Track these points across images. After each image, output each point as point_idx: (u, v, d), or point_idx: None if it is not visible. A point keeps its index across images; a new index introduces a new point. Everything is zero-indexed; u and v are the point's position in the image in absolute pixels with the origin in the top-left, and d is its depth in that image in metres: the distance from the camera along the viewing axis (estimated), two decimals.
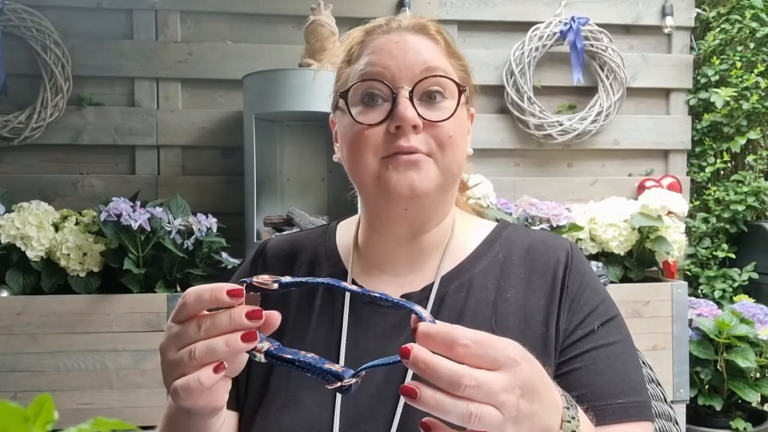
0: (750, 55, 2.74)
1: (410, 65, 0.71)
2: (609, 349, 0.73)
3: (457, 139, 0.72)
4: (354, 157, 0.73)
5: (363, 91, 0.72)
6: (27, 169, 2.47)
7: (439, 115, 0.71)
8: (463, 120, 0.76)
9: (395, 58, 0.71)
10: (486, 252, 0.79)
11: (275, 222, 2.20)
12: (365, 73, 0.72)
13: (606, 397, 0.69)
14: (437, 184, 0.72)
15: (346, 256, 0.82)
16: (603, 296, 0.77)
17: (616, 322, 0.75)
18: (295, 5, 2.54)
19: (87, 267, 2.02)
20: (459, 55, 0.78)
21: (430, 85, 0.71)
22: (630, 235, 2.34)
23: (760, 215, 2.75)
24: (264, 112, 2.23)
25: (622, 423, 0.69)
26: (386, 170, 0.70)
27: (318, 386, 0.72)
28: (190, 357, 0.53)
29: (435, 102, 0.72)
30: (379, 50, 0.72)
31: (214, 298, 0.54)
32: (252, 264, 0.85)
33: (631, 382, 0.72)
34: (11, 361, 1.94)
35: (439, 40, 0.75)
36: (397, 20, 0.76)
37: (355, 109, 0.72)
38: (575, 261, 0.77)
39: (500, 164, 2.69)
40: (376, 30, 0.76)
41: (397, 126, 0.69)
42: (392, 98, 0.70)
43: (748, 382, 2.27)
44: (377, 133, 0.70)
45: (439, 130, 0.71)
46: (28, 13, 2.39)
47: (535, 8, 2.73)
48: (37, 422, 0.25)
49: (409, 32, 0.74)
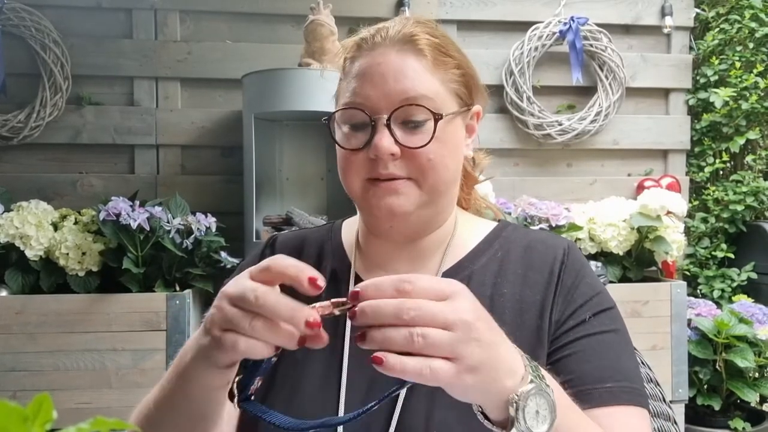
0: (749, 55, 2.74)
1: (390, 93, 0.72)
2: (600, 337, 0.73)
3: (439, 160, 0.73)
4: (343, 175, 0.77)
5: (347, 116, 0.75)
6: (26, 169, 2.47)
7: (418, 140, 0.72)
8: (452, 134, 0.76)
9: (375, 86, 0.72)
10: (486, 250, 0.81)
11: (274, 222, 2.20)
12: (347, 102, 0.74)
13: (593, 381, 0.69)
14: (419, 203, 0.74)
15: (350, 252, 0.84)
16: (598, 290, 0.77)
17: (609, 314, 0.76)
18: (295, 5, 2.54)
19: (86, 266, 2.02)
20: (452, 63, 0.76)
21: (409, 113, 0.72)
22: (629, 235, 2.34)
23: (759, 215, 2.75)
24: (263, 111, 2.23)
25: (609, 406, 0.68)
26: (367, 193, 0.74)
27: (322, 378, 0.74)
28: (249, 324, 0.53)
29: (416, 128, 0.73)
30: (362, 74, 0.74)
31: (296, 278, 0.54)
32: (261, 255, 0.87)
33: (622, 369, 0.71)
34: (10, 360, 1.94)
35: (427, 54, 0.74)
36: (385, 30, 0.75)
37: (342, 130, 0.75)
38: (571, 257, 0.79)
39: (499, 164, 2.69)
40: (363, 45, 0.76)
41: (375, 154, 0.72)
42: (372, 125, 0.72)
43: (746, 381, 2.27)
44: (360, 157, 0.73)
45: (418, 155, 0.72)
46: (27, 13, 2.39)
47: (534, 8, 2.73)
48: (36, 421, 0.25)
49: (393, 48, 0.73)
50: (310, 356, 0.75)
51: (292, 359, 0.76)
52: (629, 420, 0.68)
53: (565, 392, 0.61)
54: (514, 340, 0.74)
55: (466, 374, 0.50)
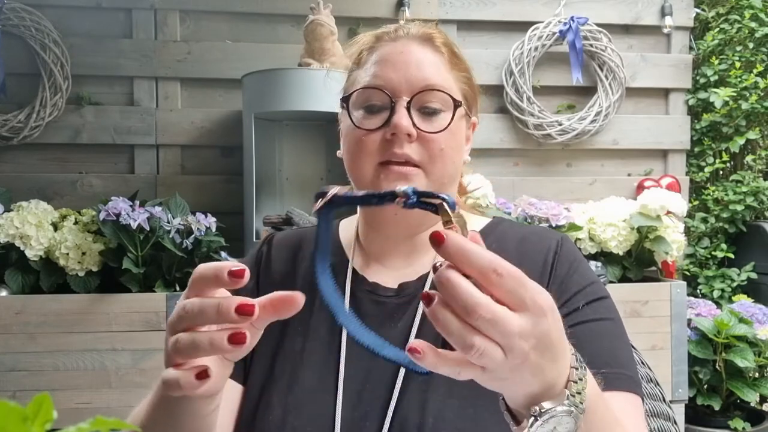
0: (749, 55, 2.74)
1: (411, 79, 0.75)
2: (594, 325, 0.73)
3: (448, 152, 0.76)
4: (352, 160, 0.77)
5: (364, 98, 0.76)
6: (26, 169, 2.47)
7: (434, 127, 0.75)
8: (460, 132, 0.79)
9: (398, 71, 0.75)
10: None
11: (274, 221, 2.19)
12: (368, 83, 0.76)
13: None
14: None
15: (348, 248, 0.86)
16: (591, 280, 0.77)
17: (603, 303, 0.76)
18: (295, 5, 2.54)
19: (86, 266, 2.02)
20: (463, 66, 0.81)
21: (427, 99, 0.75)
22: (629, 235, 2.34)
23: (758, 215, 2.75)
24: (263, 111, 2.23)
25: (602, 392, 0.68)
26: (378, 179, 0.75)
27: (321, 368, 0.75)
28: (174, 348, 0.50)
29: (432, 115, 0.75)
30: (383, 61, 0.77)
31: (215, 278, 0.50)
32: (257, 254, 0.88)
33: (616, 356, 0.71)
34: (10, 360, 1.94)
35: (444, 52, 0.78)
36: (406, 28, 0.79)
37: (357, 114, 0.77)
38: (565, 248, 0.79)
39: (499, 164, 2.69)
40: (384, 37, 0.80)
41: (393, 133, 0.73)
42: (391, 107, 0.74)
43: (746, 381, 2.27)
44: (374, 138, 0.75)
45: (432, 141, 0.74)
46: (27, 12, 2.39)
47: (534, 8, 2.73)
48: (36, 421, 0.25)
49: (415, 42, 0.78)
50: (308, 347, 0.77)
51: (291, 351, 0.77)
52: (623, 406, 0.68)
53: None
54: None
55: (495, 382, 0.47)
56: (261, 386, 0.76)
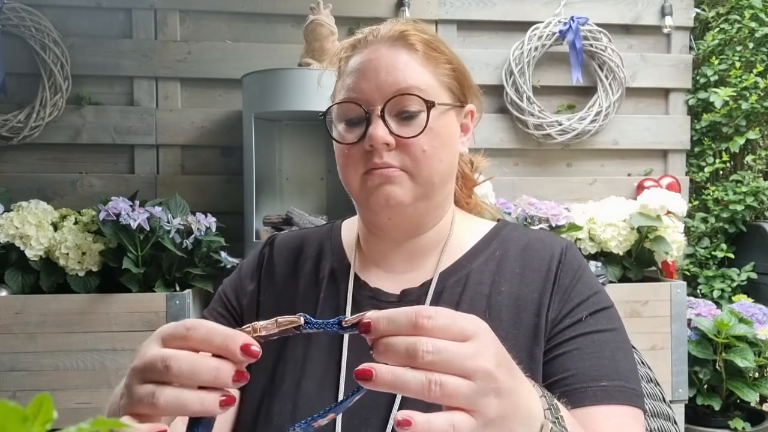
0: (749, 55, 2.74)
1: (382, 86, 0.74)
2: (596, 336, 0.73)
3: (432, 152, 0.74)
4: (341, 171, 0.78)
5: (343, 111, 0.76)
6: (26, 168, 2.47)
7: (412, 131, 0.73)
8: (446, 128, 0.77)
9: (368, 80, 0.74)
10: (484, 249, 0.81)
11: (274, 221, 2.19)
12: (343, 96, 0.76)
13: (588, 380, 0.69)
14: (415, 195, 0.75)
15: (350, 252, 0.85)
16: (595, 290, 0.77)
17: (607, 313, 0.75)
18: (295, 5, 2.54)
19: (86, 266, 2.02)
20: (443, 58, 0.78)
21: (403, 103, 0.74)
22: (629, 235, 2.34)
23: (759, 215, 2.75)
24: (263, 111, 2.23)
25: (602, 405, 0.67)
26: (365, 185, 0.75)
27: (321, 375, 0.74)
28: (148, 401, 0.46)
29: (410, 119, 0.74)
30: (355, 71, 0.76)
31: (224, 348, 0.47)
32: (259, 255, 0.88)
33: (618, 368, 0.71)
34: (10, 360, 1.94)
35: (419, 49, 0.76)
36: (377, 31, 0.78)
37: (339, 127, 0.77)
38: (569, 256, 0.79)
39: (499, 164, 2.69)
40: (357, 44, 0.79)
41: (370, 144, 0.73)
42: (366, 118, 0.74)
43: (746, 381, 2.27)
44: (357, 150, 0.75)
45: (412, 145, 0.73)
46: (27, 12, 2.39)
47: (534, 8, 2.73)
48: (36, 421, 0.25)
49: (384, 45, 0.76)
50: (309, 355, 0.76)
51: (293, 358, 0.76)
52: (623, 420, 0.67)
53: (564, 404, 0.59)
54: (512, 338, 0.73)
55: (483, 428, 0.46)
56: (261, 393, 0.76)
